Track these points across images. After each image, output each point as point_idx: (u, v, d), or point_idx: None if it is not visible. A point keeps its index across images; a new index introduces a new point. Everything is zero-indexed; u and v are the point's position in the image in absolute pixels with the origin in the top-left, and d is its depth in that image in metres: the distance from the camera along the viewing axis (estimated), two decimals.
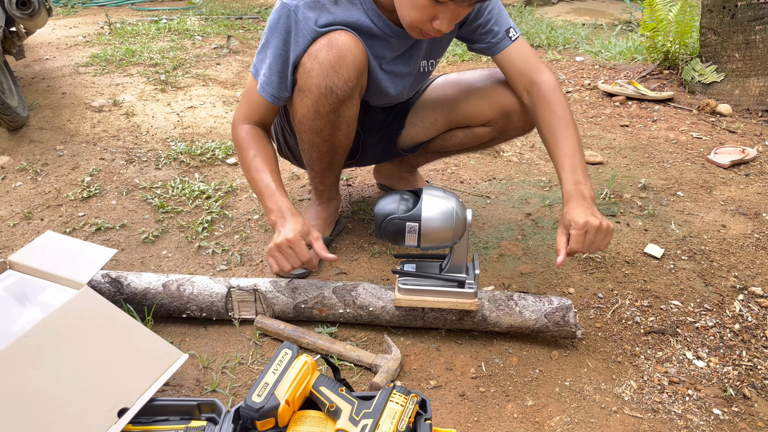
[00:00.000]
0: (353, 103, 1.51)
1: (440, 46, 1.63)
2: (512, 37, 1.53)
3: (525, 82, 1.55)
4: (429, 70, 1.66)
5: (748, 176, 2.30)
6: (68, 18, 4.77)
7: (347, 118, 1.53)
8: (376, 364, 1.35)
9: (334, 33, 1.41)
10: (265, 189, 1.45)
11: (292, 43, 1.41)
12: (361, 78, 1.48)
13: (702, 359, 1.44)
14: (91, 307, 1.27)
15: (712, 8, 3.07)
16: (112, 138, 2.52)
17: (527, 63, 1.54)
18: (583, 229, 1.34)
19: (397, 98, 1.67)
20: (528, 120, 1.67)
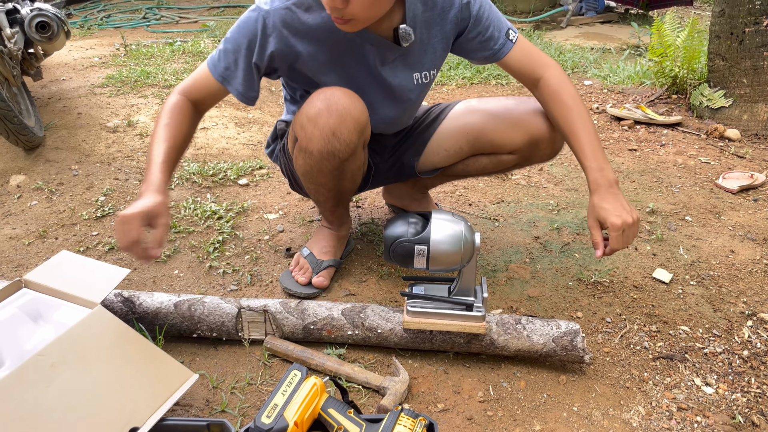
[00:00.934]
0: (357, 158, 1.52)
1: (430, 56, 1.54)
2: (513, 39, 1.53)
3: (533, 79, 1.56)
4: (424, 83, 1.60)
5: (757, 201, 2.31)
6: (85, 39, 4.87)
7: (352, 171, 1.54)
8: (384, 387, 1.36)
9: (332, 94, 1.41)
10: (153, 160, 1.35)
11: (257, 48, 1.40)
12: (363, 134, 1.48)
13: (711, 386, 1.43)
14: (104, 327, 1.29)
15: (719, 34, 3.09)
16: (126, 158, 2.56)
17: (532, 61, 1.55)
18: (620, 230, 1.38)
19: (399, 118, 1.66)
20: (555, 147, 1.69)
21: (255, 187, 2.38)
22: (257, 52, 1.41)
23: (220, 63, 1.44)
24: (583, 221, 2.15)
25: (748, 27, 2.94)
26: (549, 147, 1.68)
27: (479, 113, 1.71)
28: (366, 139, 1.54)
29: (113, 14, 6.01)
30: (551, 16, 6.06)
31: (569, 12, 5.78)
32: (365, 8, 1.27)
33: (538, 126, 1.63)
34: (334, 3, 1.24)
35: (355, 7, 1.25)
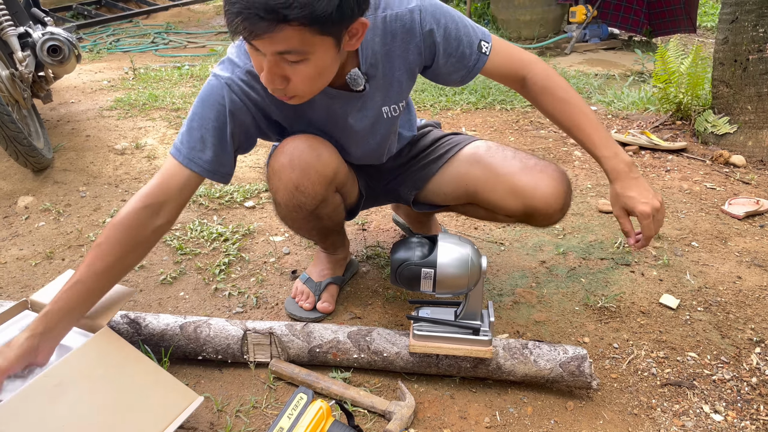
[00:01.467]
0: (329, 203, 1.51)
1: (396, 89, 1.45)
2: (486, 51, 1.43)
3: (517, 81, 1.49)
4: (394, 115, 1.52)
5: (763, 227, 2.30)
6: (94, 63, 4.93)
7: (327, 214, 1.54)
8: (390, 411, 1.35)
9: (295, 147, 1.38)
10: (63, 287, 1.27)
11: (228, 116, 1.32)
12: (332, 183, 1.47)
13: (719, 413, 1.42)
14: (110, 348, 1.29)
15: (723, 61, 3.12)
16: (134, 180, 2.58)
17: (512, 63, 1.47)
18: (651, 217, 1.36)
19: (377, 150, 1.61)
20: (552, 220, 1.58)
21: (261, 210, 2.39)
22: (230, 121, 1.33)
23: (184, 146, 1.32)
24: (589, 246, 2.15)
25: (752, 54, 2.97)
26: (545, 220, 1.57)
27: (482, 167, 1.60)
28: (339, 183, 1.51)
29: (122, 38, 6.10)
30: (555, 43, 6.12)
31: (573, 39, 5.83)
32: (306, 84, 1.20)
33: (538, 200, 1.51)
34: (273, 85, 1.17)
35: (296, 85, 1.18)
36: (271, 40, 1.06)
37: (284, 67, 1.14)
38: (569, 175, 2.39)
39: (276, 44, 1.08)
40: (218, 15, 7.62)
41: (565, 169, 1.63)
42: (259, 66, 1.17)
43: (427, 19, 1.36)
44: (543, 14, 6.29)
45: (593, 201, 2.52)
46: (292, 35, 1.06)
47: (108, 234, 1.28)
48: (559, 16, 6.41)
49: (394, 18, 1.34)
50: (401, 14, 1.34)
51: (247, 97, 1.34)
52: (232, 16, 1.04)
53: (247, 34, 1.05)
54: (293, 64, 1.13)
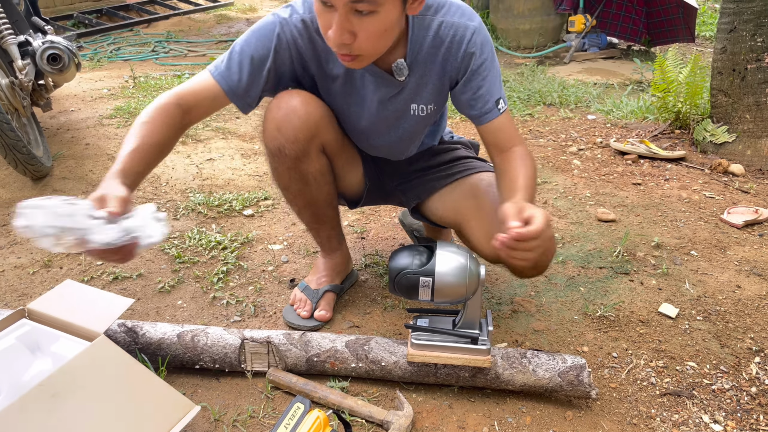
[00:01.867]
0: (312, 160, 1.53)
1: (429, 91, 1.51)
2: (501, 109, 1.47)
3: (500, 152, 1.50)
4: (421, 115, 1.56)
5: (762, 236, 2.30)
6: (94, 71, 4.94)
7: (312, 174, 1.55)
8: (388, 421, 1.34)
9: (289, 95, 1.46)
10: (120, 153, 1.26)
11: (272, 53, 1.40)
12: (315, 136, 1.50)
13: (719, 423, 1.41)
14: (106, 357, 1.28)
15: (722, 71, 3.13)
16: None
17: (507, 136, 1.49)
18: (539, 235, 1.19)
19: (394, 146, 1.65)
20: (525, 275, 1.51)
21: (260, 218, 2.39)
22: (272, 57, 1.40)
23: (222, 65, 1.41)
24: (588, 255, 2.15)
25: (750, 64, 2.98)
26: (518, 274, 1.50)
27: (474, 202, 1.60)
28: (322, 143, 1.54)
29: (123, 47, 6.11)
30: (554, 52, 6.14)
31: (572, 48, 5.85)
32: (372, 42, 1.26)
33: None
34: (341, 39, 1.23)
35: (362, 41, 1.25)
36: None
37: (353, 22, 1.21)
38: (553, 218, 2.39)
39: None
40: (219, 24, 7.65)
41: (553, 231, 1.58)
42: (327, 24, 1.23)
43: (476, 43, 1.42)
44: (542, 23, 6.31)
45: (592, 210, 2.52)
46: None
47: (152, 115, 1.32)
48: (558, 26, 6.44)
49: (449, 26, 1.42)
50: (457, 25, 1.42)
51: (295, 42, 1.41)
52: None
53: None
54: (362, 17, 1.20)
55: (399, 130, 1.60)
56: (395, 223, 2.39)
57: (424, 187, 1.74)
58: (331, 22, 1.22)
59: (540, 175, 2.91)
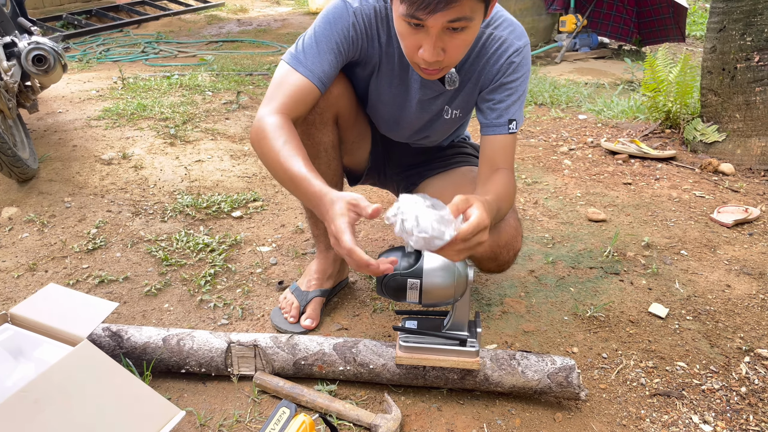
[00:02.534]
0: (327, 130, 1.55)
1: (462, 97, 1.56)
2: (510, 129, 1.48)
3: (491, 168, 1.49)
4: (451, 119, 1.61)
5: (752, 236, 2.30)
6: (83, 72, 4.90)
7: (324, 145, 1.57)
8: (376, 425, 1.33)
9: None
10: (298, 175, 1.24)
11: (350, 36, 1.41)
12: (333, 106, 1.52)
13: (708, 423, 1.40)
14: (89, 362, 1.26)
15: (711, 70, 3.13)
16: (120, 190, 2.55)
17: (504, 157, 1.49)
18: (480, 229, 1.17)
19: (404, 132, 1.67)
20: (484, 268, 1.59)
21: (249, 220, 2.37)
22: (349, 46, 1.41)
23: (309, 58, 1.38)
24: (579, 255, 2.14)
25: (740, 63, 2.98)
26: (479, 265, 1.58)
27: (459, 189, 1.61)
28: (337, 114, 1.56)
29: (112, 48, 6.07)
30: (546, 52, 6.15)
31: (563, 48, 5.86)
32: (460, 54, 1.28)
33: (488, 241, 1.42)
34: (436, 57, 1.24)
35: (451, 56, 1.27)
36: (451, 10, 1.13)
37: (445, 39, 1.21)
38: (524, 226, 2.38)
39: (451, 14, 1.14)
40: (209, 24, 7.61)
41: (520, 226, 1.58)
42: (415, 43, 1.24)
43: (514, 62, 1.45)
44: (533, 23, 6.31)
45: (582, 210, 2.51)
46: (467, 3, 1.14)
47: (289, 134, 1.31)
48: (550, 26, 6.45)
49: (496, 39, 1.44)
50: (503, 40, 1.44)
51: (366, 31, 1.42)
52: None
53: (431, 8, 1.13)
54: (454, 34, 1.20)
55: (428, 130, 1.66)
56: (385, 224, 2.37)
57: (420, 175, 1.80)
58: (419, 41, 1.23)
59: (531, 175, 2.91)
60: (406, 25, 1.22)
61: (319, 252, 1.80)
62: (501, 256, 1.54)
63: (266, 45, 6.39)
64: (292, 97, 1.37)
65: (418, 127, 1.65)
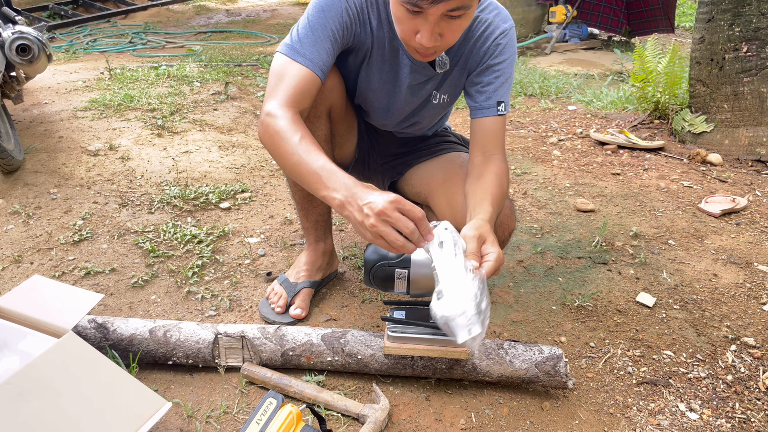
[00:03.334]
0: (321, 124, 1.55)
1: (450, 81, 1.56)
2: (500, 111, 1.48)
3: (483, 153, 1.49)
4: (440, 104, 1.61)
5: (739, 225, 2.31)
6: (69, 63, 4.85)
7: (318, 139, 1.54)
8: (364, 415, 1.33)
9: None
10: (322, 169, 1.20)
11: (344, 29, 1.40)
12: (327, 100, 1.52)
13: (695, 411, 1.41)
14: (74, 354, 1.25)
15: (700, 60, 3.14)
16: (107, 182, 2.53)
17: (494, 140, 1.49)
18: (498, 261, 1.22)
19: (393, 118, 1.66)
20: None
21: (237, 211, 2.36)
22: (345, 32, 1.40)
23: (306, 47, 1.36)
24: (567, 245, 2.15)
25: (728, 53, 2.99)
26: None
27: (444, 174, 1.64)
28: (330, 107, 1.55)
29: (99, 39, 6.02)
30: (536, 43, 6.14)
31: (553, 39, 5.85)
32: (455, 37, 1.28)
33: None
34: (434, 43, 1.24)
35: (447, 41, 1.27)
36: (452, 0, 1.14)
37: (443, 25, 1.22)
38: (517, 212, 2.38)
39: (453, 3, 1.16)
40: (198, 15, 7.55)
41: (513, 207, 1.58)
42: (412, 28, 1.24)
43: (501, 44, 1.45)
44: (523, 14, 6.31)
45: (571, 200, 2.52)
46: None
47: (303, 130, 1.28)
48: (540, 17, 6.44)
49: (482, 22, 1.45)
50: (489, 22, 1.45)
51: (359, 16, 1.42)
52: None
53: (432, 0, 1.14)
54: (452, 20, 1.21)
55: (416, 116, 1.66)
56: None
57: (405, 164, 1.80)
58: (416, 26, 1.23)
59: (520, 166, 2.91)
60: (405, 10, 1.21)
61: (308, 244, 1.80)
62: (496, 236, 1.53)
63: (255, 36, 6.35)
64: (296, 88, 1.34)
65: (408, 113, 1.64)
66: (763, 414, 1.41)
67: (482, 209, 1.32)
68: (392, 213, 1.09)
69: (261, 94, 3.88)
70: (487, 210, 1.32)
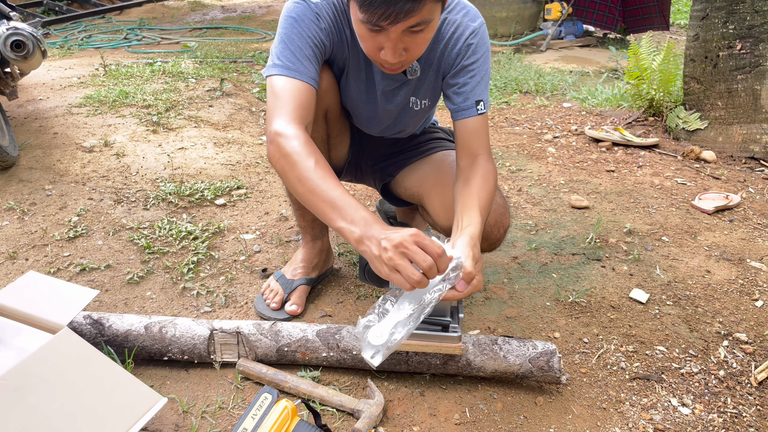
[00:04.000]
0: (318, 126, 1.55)
1: (426, 86, 1.55)
2: (479, 110, 1.46)
3: (469, 155, 1.46)
4: (421, 109, 1.61)
5: (732, 222, 2.33)
6: (64, 59, 4.84)
7: (316, 141, 1.55)
8: (359, 410, 1.33)
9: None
10: (339, 200, 1.18)
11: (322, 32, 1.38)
12: (323, 101, 1.51)
13: (687, 406, 1.43)
14: (70, 350, 1.25)
15: (694, 58, 3.15)
16: (102, 178, 2.53)
17: (478, 140, 1.46)
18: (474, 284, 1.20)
19: (380, 127, 1.66)
20: (485, 246, 1.57)
21: (232, 207, 2.36)
22: (323, 38, 1.39)
23: (291, 62, 1.34)
24: (561, 241, 2.16)
25: (722, 51, 3.00)
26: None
27: (438, 173, 1.64)
28: (326, 109, 1.55)
29: (94, 35, 6.00)
30: (531, 40, 6.15)
31: (549, 36, 5.86)
32: (421, 50, 1.28)
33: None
34: (399, 58, 1.24)
35: (413, 54, 1.27)
36: (412, 18, 1.13)
37: (406, 40, 1.21)
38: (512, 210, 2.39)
39: (412, 21, 1.15)
40: (193, 11, 7.53)
41: (509, 207, 1.57)
42: (376, 45, 1.23)
43: (473, 43, 1.43)
44: (519, 11, 6.31)
45: (566, 197, 2.53)
46: (427, 8, 1.14)
47: (316, 155, 1.24)
48: (535, 14, 6.45)
49: (451, 23, 1.43)
50: (458, 23, 1.43)
51: (332, 23, 1.40)
52: (377, 6, 1.10)
53: (392, 20, 1.12)
54: (415, 35, 1.20)
55: (400, 124, 1.65)
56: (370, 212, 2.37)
57: (396, 165, 1.79)
58: (380, 42, 1.22)
59: (515, 163, 2.91)
60: (366, 29, 1.20)
61: (305, 242, 1.80)
62: (492, 235, 1.54)
63: (251, 32, 6.34)
64: (297, 103, 1.32)
65: (390, 122, 1.64)
66: (754, 409, 1.42)
67: (470, 219, 1.30)
68: (411, 246, 1.07)
69: (256, 91, 3.88)
70: (475, 222, 1.29)
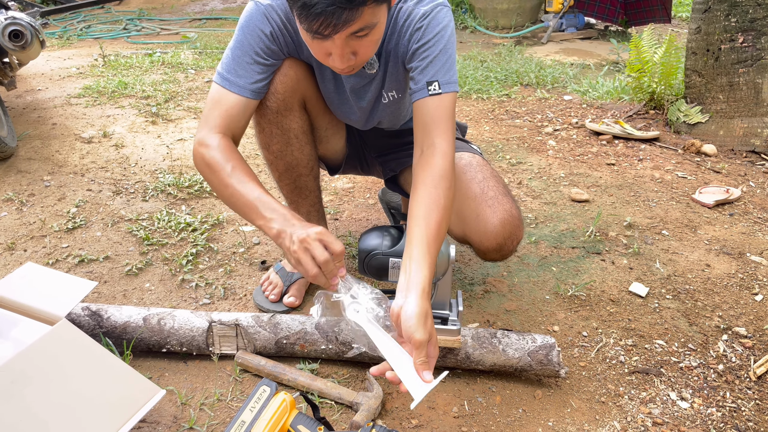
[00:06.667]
0: (294, 116, 1.53)
1: (393, 78, 1.51)
2: (431, 91, 1.35)
3: (425, 141, 1.35)
4: (391, 101, 1.57)
5: (733, 216, 2.32)
6: (63, 50, 4.82)
7: (294, 131, 1.55)
8: (357, 402, 1.33)
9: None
10: (257, 200, 1.26)
11: (270, 40, 1.39)
12: (297, 91, 1.50)
13: (686, 400, 1.43)
14: (68, 341, 1.25)
15: (696, 51, 3.13)
16: (101, 169, 2.52)
17: (434, 124, 1.35)
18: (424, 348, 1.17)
19: (358, 121, 1.65)
20: (488, 257, 1.55)
21: None
22: (272, 46, 1.40)
23: (232, 74, 1.38)
24: (561, 235, 2.15)
25: (724, 44, 2.99)
26: (482, 254, 1.55)
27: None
28: (303, 99, 1.54)
29: (93, 25, 5.97)
30: (532, 32, 6.12)
31: (550, 28, 5.84)
32: (370, 51, 1.26)
33: (475, 233, 1.50)
34: (347, 63, 1.23)
35: (362, 56, 1.25)
36: (353, 24, 1.12)
37: (353, 44, 1.20)
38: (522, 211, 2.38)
39: (354, 27, 1.13)
40: (193, 2, 7.50)
41: (521, 216, 1.54)
42: (324, 50, 1.21)
43: (422, 27, 1.38)
44: (520, 3, 6.28)
45: (566, 190, 2.52)
46: (367, 13, 1.12)
47: (234, 160, 1.33)
48: (536, 6, 6.41)
49: (404, 12, 1.40)
50: (410, 11, 1.40)
51: (284, 26, 1.40)
52: (314, 17, 1.09)
53: (331, 29, 1.11)
54: (362, 38, 1.19)
55: (376, 117, 1.62)
56: (369, 204, 2.37)
57: (400, 161, 1.76)
58: (327, 48, 1.20)
59: (515, 156, 2.91)
60: (310, 38, 1.18)
61: None
62: (505, 247, 1.51)
63: None
64: (225, 114, 1.38)
65: (365, 116, 1.62)
66: (753, 403, 1.42)
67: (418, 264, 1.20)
68: (312, 242, 1.15)
69: None
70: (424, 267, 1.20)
